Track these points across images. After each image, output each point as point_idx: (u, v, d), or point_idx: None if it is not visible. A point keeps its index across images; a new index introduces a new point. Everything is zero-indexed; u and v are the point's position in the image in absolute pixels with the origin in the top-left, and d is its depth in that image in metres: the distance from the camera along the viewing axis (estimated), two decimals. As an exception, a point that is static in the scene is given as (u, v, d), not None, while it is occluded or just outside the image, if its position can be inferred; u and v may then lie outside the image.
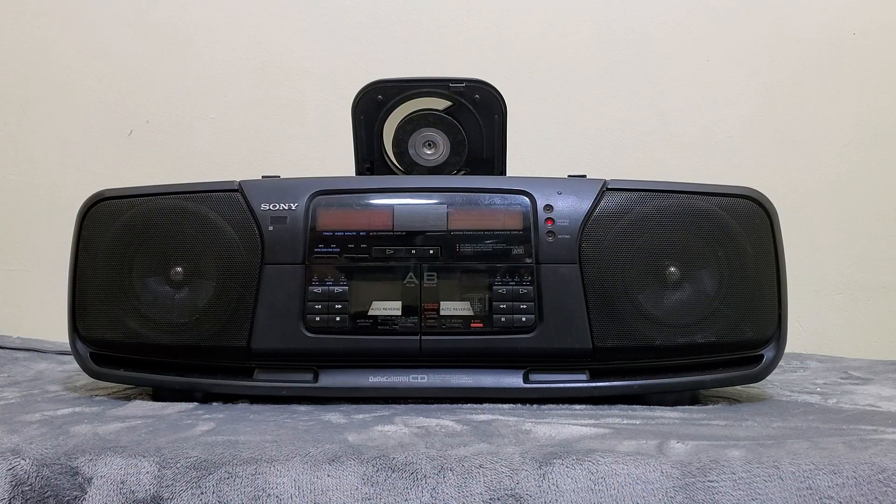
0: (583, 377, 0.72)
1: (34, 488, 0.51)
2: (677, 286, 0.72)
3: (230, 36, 1.32)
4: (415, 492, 0.50)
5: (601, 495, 0.50)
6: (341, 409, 0.69)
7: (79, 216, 0.75)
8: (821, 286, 1.28)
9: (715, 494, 0.50)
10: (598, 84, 1.30)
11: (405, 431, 0.59)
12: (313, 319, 0.71)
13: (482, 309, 0.72)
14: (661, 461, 0.51)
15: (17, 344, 1.15)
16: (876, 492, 0.49)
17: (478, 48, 1.31)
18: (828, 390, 0.83)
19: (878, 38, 1.29)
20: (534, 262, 0.72)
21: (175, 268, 0.73)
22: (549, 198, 0.73)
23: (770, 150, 1.28)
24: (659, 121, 1.29)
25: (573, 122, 1.30)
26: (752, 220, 0.73)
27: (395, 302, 0.72)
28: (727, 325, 0.72)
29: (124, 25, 1.33)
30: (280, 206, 0.73)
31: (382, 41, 1.31)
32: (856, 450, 0.54)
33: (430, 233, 0.73)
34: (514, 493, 0.50)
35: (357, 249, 0.72)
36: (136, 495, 0.50)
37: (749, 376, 0.73)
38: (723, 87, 1.29)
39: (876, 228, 1.28)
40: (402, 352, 0.72)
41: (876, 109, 1.28)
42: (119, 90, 1.32)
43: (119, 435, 0.57)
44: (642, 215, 0.72)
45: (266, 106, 1.31)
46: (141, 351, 0.73)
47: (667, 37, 1.30)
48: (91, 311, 0.74)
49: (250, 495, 0.50)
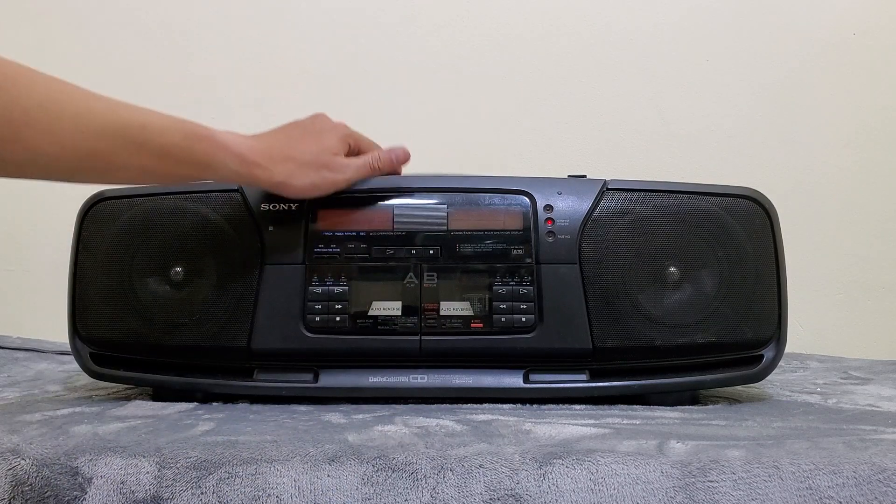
0: (583, 377, 0.72)
1: (34, 488, 0.51)
2: (677, 286, 0.72)
3: (230, 36, 1.32)
4: (415, 492, 0.50)
5: (601, 495, 0.50)
6: (341, 409, 0.68)
7: (79, 216, 0.75)
8: (821, 286, 1.28)
9: (715, 494, 0.50)
10: (598, 84, 1.30)
11: (405, 431, 0.59)
12: (313, 319, 0.71)
13: (482, 309, 0.72)
14: (661, 461, 0.51)
15: (17, 344, 1.15)
16: (876, 492, 0.49)
17: (478, 48, 1.31)
18: (828, 390, 0.83)
19: (878, 38, 1.29)
20: (534, 262, 0.72)
21: (175, 268, 0.73)
22: (549, 198, 0.73)
23: (770, 150, 1.28)
24: (659, 121, 1.29)
25: (573, 122, 1.30)
26: (752, 220, 0.73)
27: (395, 302, 0.72)
28: (727, 325, 0.72)
29: (124, 26, 1.33)
30: (280, 206, 0.73)
31: (382, 41, 1.31)
32: (856, 450, 0.54)
33: (430, 233, 0.73)
34: (514, 493, 0.50)
35: (357, 249, 0.72)
36: (136, 495, 0.50)
37: (749, 376, 0.73)
38: (723, 87, 1.29)
39: (876, 228, 1.28)
40: (402, 352, 0.72)
41: (876, 109, 1.28)
42: (119, 90, 1.32)
43: (119, 435, 0.57)
44: (642, 215, 0.72)
45: (266, 106, 1.31)
46: (141, 351, 0.73)
47: (667, 37, 1.30)
48: (91, 311, 0.74)
49: (250, 495, 0.50)
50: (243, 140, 0.68)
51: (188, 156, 0.65)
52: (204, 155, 0.65)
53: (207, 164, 0.66)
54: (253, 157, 0.67)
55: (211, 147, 0.65)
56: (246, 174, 0.68)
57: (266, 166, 0.68)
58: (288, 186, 0.69)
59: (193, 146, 0.65)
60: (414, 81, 1.31)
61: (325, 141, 0.71)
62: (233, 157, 0.66)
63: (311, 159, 0.70)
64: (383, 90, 1.31)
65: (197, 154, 0.65)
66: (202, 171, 0.66)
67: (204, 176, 0.67)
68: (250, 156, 0.67)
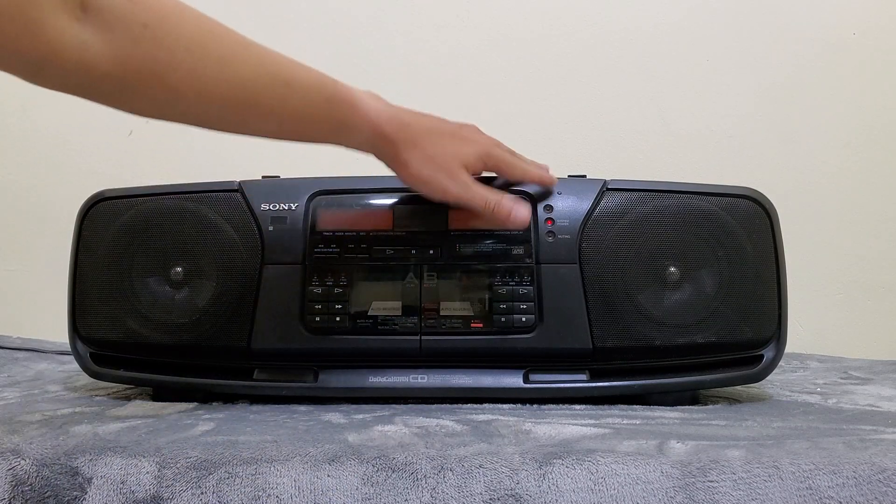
0: (583, 377, 0.72)
1: (34, 488, 0.51)
2: (677, 286, 0.72)
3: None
4: (415, 492, 0.50)
5: (601, 495, 0.50)
6: (341, 409, 0.69)
7: (79, 216, 0.75)
8: (821, 286, 1.28)
9: (715, 494, 0.50)
10: (598, 84, 1.30)
11: (405, 431, 0.59)
12: (313, 319, 0.71)
13: (482, 309, 0.72)
14: (661, 461, 0.51)
15: (17, 344, 1.15)
16: (876, 492, 0.49)
17: (478, 48, 1.31)
18: (828, 390, 0.83)
19: (878, 38, 1.29)
20: (534, 262, 0.72)
21: (175, 268, 0.73)
22: (549, 198, 0.73)
23: (770, 150, 1.28)
24: (659, 121, 1.29)
25: (573, 122, 1.30)
26: (752, 220, 0.73)
27: (395, 302, 0.72)
28: (727, 325, 0.72)
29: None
30: (280, 206, 0.73)
31: (382, 41, 1.31)
32: (856, 450, 0.54)
33: (430, 233, 0.73)
34: (514, 493, 0.50)
35: (357, 249, 0.72)
36: (136, 495, 0.50)
37: (749, 376, 0.73)
38: (723, 87, 1.29)
39: (876, 228, 1.28)
40: (401, 352, 0.72)
41: (876, 109, 1.28)
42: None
43: (119, 435, 0.57)
44: (642, 215, 0.72)
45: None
46: (141, 351, 0.73)
47: (667, 37, 1.30)
48: (91, 311, 0.74)
49: (250, 495, 0.50)
50: (385, 109, 0.68)
51: (327, 119, 0.64)
52: (342, 120, 0.65)
53: (343, 129, 0.66)
54: (388, 129, 0.67)
55: (351, 113, 0.65)
56: (376, 145, 0.68)
57: (396, 143, 0.67)
58: (407, 168, 0.68)
59: (333, 109, 0.64)
60: (414, 81, 1.31)
61: (461, 148, 0.70)
62: (369, 127, 0.66)
63: (437, 156, 0.69)
64: (383, 90, 1.30)
65: (335, 118, 0.65)
66: (336, 135, 0.66)
67: (336, 140, 0.67)
68: (386, 128, 0.67)
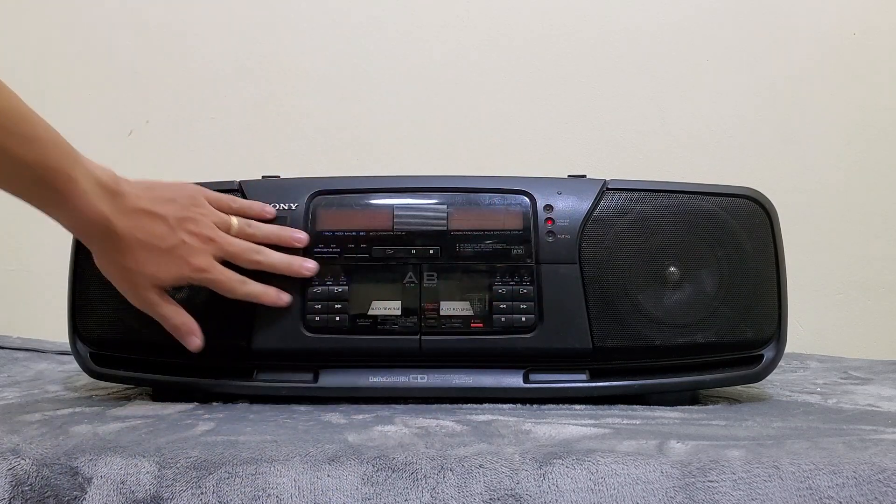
0: (583, 377, 0.72)
1: (34, 488, 0.51)
2: (677, 286, 0.72)
3: (230, 36, 1.32)
4: (415, 492, 0.50)
5: (601, 495, 0.50)
6: (341, 409, 0.68)
7: (79, 216, 0.75)
8: (821, 286, 1.28)
9: (715, 494, 0.50)
10: (598, 84, 1.30)
11: (405, 431, 0.59)
12: (313, 319, 0.71)
13: (482, 309, 0.71)
14: (661, 461, 0.51)
15: (17, 344, 1.15)
16: (876, 492, 0.49)
17: (478, 48, 1.31)
18: (828, 390, 0.83)
19: (878, 38, 1.29)
20: (534, 262, 0.72)
21: (175, 268, 0.72)
22: (549, 198, 0.73)
23: (770, 150, 1.28)
24: (659, 121, 1.29)
25: (573, 122, 1.30)
26: (752, 220, 0.73)
27: (394, 302, 0.72)
28: (727, 325, 0.72)
29: (124, 26, 1.33)
30: (280, 206, 0.73)
31: (382, 41, 1.31)
32: (856, 450, 0.54)
33: (430, 233, 0.72)
34: (514, 493, 0.50)
35: (357, 249, 0.72)
36: (136, 495, 0.50)
37: (749, 376, 0.73)
38: (723, 87, 1.29)
39: (876, 228, 1.28)
40: (401, 352, 0.72)
41: (876, 109, 1.28)
42: (119, 90, 1.32)
43: (119, 435, 0.57)
44: (642, 215, 0.72)
45: (266, 106, 1.31)
46: (141, 351, 0.73)
47: (667, 37, 1.30)
48: (91, 311, 0.74)
49: (250, 495, 0.50)
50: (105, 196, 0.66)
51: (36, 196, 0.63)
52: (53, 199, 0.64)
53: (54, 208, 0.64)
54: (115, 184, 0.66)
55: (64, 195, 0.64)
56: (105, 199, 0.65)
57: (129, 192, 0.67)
58: (97, 257, 0.67)
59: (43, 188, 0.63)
60: (414, 81, 1.31)
61: (160, 271, 0.67)
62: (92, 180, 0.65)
63: (129, 270, 0.67)
64: (383, 90, 1.31)
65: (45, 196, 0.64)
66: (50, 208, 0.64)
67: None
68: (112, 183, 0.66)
